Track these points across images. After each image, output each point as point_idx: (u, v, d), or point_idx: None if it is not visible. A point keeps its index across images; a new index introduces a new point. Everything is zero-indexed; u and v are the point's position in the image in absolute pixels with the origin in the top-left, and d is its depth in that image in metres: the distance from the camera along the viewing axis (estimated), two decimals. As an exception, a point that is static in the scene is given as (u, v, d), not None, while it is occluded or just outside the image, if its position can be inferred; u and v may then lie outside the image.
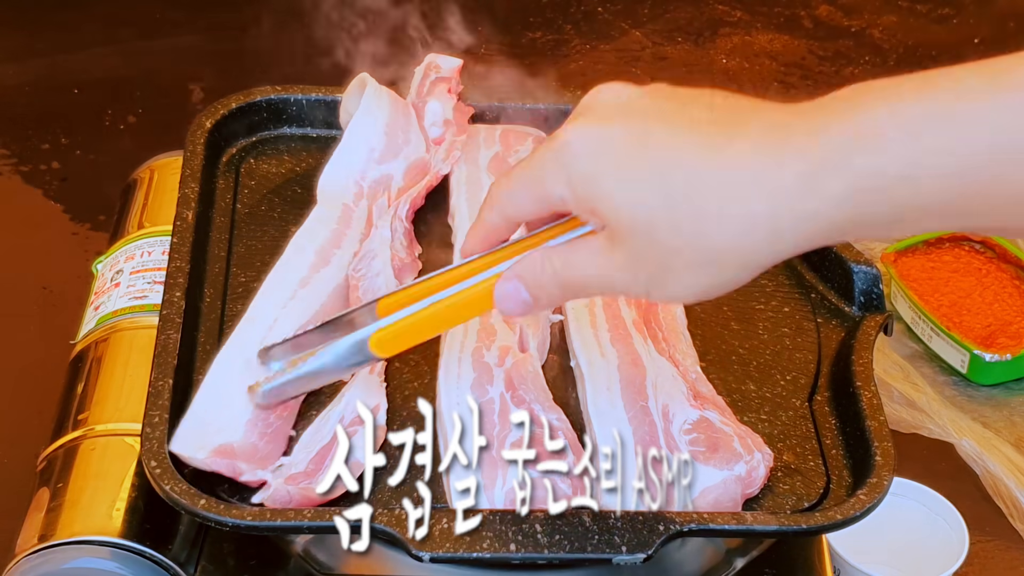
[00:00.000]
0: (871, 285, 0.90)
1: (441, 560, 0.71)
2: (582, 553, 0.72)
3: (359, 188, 0.92)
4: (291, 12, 1.64)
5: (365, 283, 0.85)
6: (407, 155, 0.94)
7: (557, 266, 0.66)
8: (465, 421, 0.72)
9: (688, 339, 0.87)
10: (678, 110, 0.62)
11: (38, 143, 1.46)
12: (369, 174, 0.92)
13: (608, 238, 0.63)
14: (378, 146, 0.94)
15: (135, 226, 1.04)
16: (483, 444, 0.73)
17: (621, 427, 0.79)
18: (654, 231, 0.61)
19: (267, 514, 0.73)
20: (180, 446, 0.75)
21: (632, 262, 0.63)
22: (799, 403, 0.84)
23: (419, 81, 0.98)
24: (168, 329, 0.82)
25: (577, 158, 0.63)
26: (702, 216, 0.60)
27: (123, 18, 1.66)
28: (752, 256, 0.61)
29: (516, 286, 0.68)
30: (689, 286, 0.63)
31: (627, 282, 0.64)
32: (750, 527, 0.74)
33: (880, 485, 0.76)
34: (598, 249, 0.64)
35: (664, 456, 0.73)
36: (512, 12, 1.65)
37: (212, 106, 1.00)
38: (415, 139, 0.95)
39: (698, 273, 0.62)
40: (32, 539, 0.82)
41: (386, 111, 0.95)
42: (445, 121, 0.96)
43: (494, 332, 0.84)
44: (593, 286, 0.66)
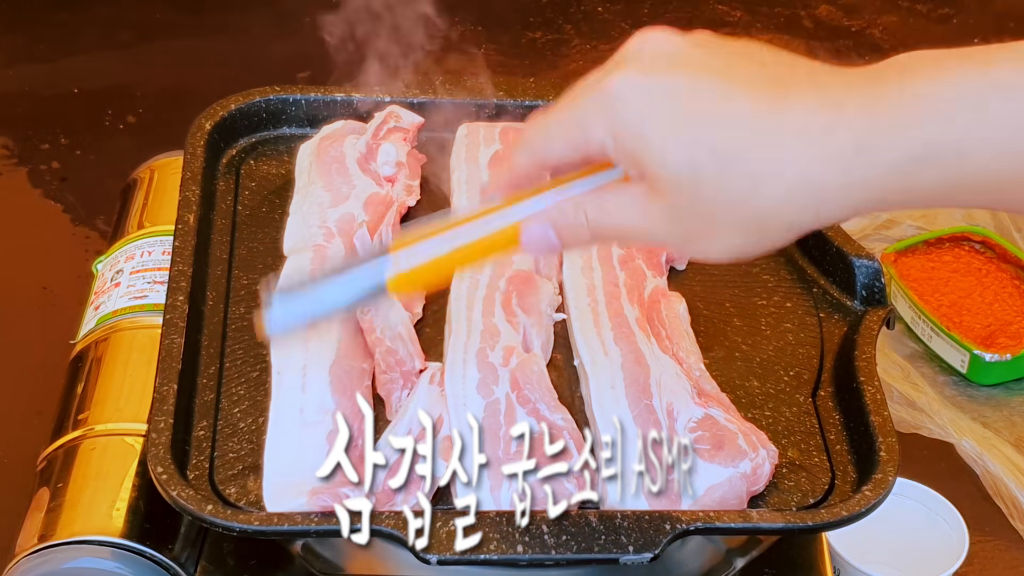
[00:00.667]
0: (873, 279, 0.90)
1: (448, 562, 0.71)
2: (589, 553, 0.72)
3: (326, 230, 0.91)
4: (290, 13, 1.64)
5: (379, 322, 0.85)
6: (357, 195, 0.94)
7: (591, 214, 0.65)
8: (466, 434, 0.72)
9: (691, 336, 0.87)
10: (728, 66, 0.60)
11: (38, 143, 1.46)
12: (330, 216, 0.92)
13: (649, 190, 0.61)
14: (324, 200, 0.93)
15: (135, 226, 1.04)
16: (484, 461, 0.73)
17: (625, 426, 0.79)
18: (700, 188, 0.59)
19: (273, 518, 0.73)
20: (277, 504, 0.75)
21: (673, 216, 0.61)
22: (803, 399, 0.84)
23: (377, 124, 0.99)
24: (172, 334, 0.82)
25: (623, 107, 0.61)
26: (751, 177, 0.59)
27: (123, 19, 1.66)
28: (796, 220, 0.60)
29: (546, 229, 0.66)
30: (728, 246, 0.62)
31: (664, 235, 0.63)
32: (756, 525, 0.74)
33: (885, 481, 0.76)
34: (637, 199, 0.62)
35: (664, 439, 0.72)
36: (512, 12, 1.65)
37: (212, 107, 0.99)
38: (359, 182, 0.95)
39: (740, 233, 0.61)
40: (32, 539, 0.82)
41: (316, 176, 0.95)
42: (398, 163, 0.97)
43: (498, 333, 0.84)
44: (628, 236, 0.65)
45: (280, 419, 0.79)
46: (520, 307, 0.87)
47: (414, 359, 0.83)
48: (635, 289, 0.89)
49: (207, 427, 0.80)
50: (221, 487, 0.77)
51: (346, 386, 0.81)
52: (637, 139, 0.60)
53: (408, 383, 0.82)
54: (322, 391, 0.80)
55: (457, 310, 0.86)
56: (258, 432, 0.80)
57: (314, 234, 0.90)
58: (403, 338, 0.84)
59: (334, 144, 0.98)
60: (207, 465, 0.78)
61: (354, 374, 0.82)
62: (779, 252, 0.95)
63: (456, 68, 1.51)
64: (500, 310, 0.86)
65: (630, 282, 0.89)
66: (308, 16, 1.62)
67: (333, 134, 0.99)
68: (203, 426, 0.80)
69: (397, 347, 0.84)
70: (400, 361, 0.83)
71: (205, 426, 0.80)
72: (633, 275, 0.90)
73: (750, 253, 0.62)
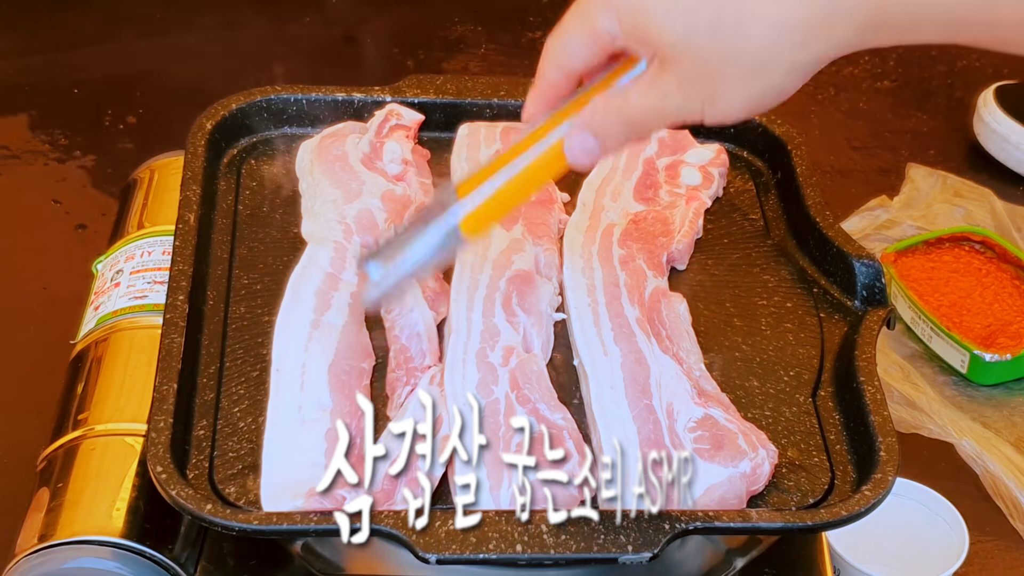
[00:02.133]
0: (873, 279, 0.90)
1: (447, 561, 0.71)
2: (588, 553, 0.72)
3: (345, 226, 0.91)
4: (291, 13, 1.64)
5: (401, 320, 0.85)
6: (370, 191, 0.94)
7: (618, 105, 0.70)
8: (467, 418, 0.72)
9: (692, 336, 0.87)
10: None
11: (38, 143, 1.46)
12: (347, 212, 0.92)
13: (659, 65, 0.67)
14: (336, 196, 0.93)
15: (135, 226, 1.04)
16: (484, 443, 0.73)
17: (625, 427, 0.79)
18: (699, 47, 0.65)
19: (273, 518, 0.73)
20: (273, 503, 0.75)
21: (683, 83, 0.67)
22: (803, 399, 0.84)
23: (379, 123, 0.99)
24: (172, 333, 0.82)
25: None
26: (741, 23, 0.64)
27: (123, 17, 1.66)
28: (791, 57, 0.65)
29: (583, 135, 0.71)
30: (740, 98, 0.67)
31: (681, 105, 0.68)
32: (755, 524, 0.74)
33: (885, 480, 0.76)
34: (651, 79, 0.68)
35: (664, 458, 0.73)
36: (512, 12, 1.65)
37: (213, 107, 0.99)
38: (368, 178, 0.95)
39: (746, 83, 0.66)
40: (32, 539, 0.82)
41: (320, 175, 0.95)
42: (404, 160, 0.97)
43: (498, 332, 0.84)
44: (652, 118, 0.70)
45: (278, 417, 0.79)
46: (520, 307, 0.87)
47: (426, 356, 0.83)
48: (635, 289, 0.89)
49: (207, 426, 0.80)
50: (221, 486, 0.77)
51: (345, 384, 0.81)
52: (637, 16, 0.67)
53: (412, 379, 0.82)
54: (320, 390, 0.80)
55: (457, 310, 0.86)
56: (258, 431, 0.80)
57: (333, 229, 0.90)
58: (420, 336, 0.84)
59: (335, 143, 0.98)
60: (207, 464, 0.78)
61: (353, 373, 0.82)
62: (779, 252, 0.95)
63: (456, 68, 1.51)
64: (500, 310, 0.86)
65: (630, 282, 0.89)
66: (308, 16, 1.62)
67: (334, 133, 0.99)
68: (203, 425, 0.80)
69: (411, 345, 0.84)
70: (410, 359, 0.83)
71: (205, 425, 0.80)
72: (634, 275, 0.90)
73: (763, 104, 0.68)
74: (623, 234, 0.93)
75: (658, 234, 0.94)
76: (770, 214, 0.98)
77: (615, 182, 0.98)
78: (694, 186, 0.98)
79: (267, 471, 0.77)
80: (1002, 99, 1.50)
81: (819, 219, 0.93)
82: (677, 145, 1.01)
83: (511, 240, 0.92)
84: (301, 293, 0.86)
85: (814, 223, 0.93)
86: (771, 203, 0.99)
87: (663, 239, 0.94)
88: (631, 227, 0.94)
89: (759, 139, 1.02)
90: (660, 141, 1.01)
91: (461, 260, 0.89)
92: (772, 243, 0.96)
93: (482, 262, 0.90)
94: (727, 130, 1.03)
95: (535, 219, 0.94)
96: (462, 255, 0.89)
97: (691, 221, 0.95)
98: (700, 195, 0.97)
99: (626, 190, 0.97)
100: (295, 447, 0.78)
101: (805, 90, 0.69)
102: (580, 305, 0.88)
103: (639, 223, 0.95)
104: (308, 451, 0.77)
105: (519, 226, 0.93)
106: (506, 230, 0.92)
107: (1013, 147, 1.49)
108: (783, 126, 1.01)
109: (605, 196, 0.97)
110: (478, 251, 0.90)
